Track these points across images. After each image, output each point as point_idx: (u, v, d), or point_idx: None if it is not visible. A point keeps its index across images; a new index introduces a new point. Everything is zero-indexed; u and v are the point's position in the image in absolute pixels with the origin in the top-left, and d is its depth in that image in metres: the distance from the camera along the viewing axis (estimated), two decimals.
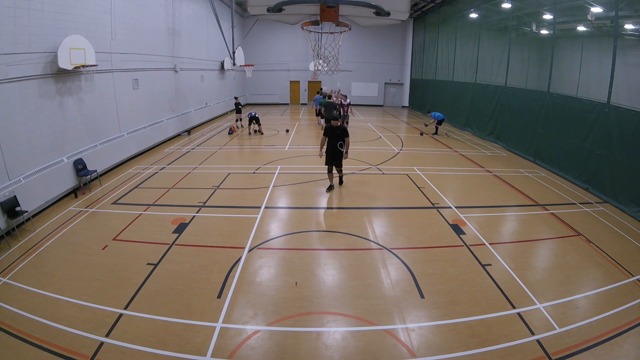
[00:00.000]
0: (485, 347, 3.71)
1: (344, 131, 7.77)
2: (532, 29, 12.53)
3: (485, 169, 10.42)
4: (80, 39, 7.79)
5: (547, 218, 7.11)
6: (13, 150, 6.45)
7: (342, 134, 7.72)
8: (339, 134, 7.71)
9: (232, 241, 5.85)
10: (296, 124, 18.01)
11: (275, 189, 8.34)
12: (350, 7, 5.36)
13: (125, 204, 7.38)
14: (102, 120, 9.33)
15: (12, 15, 6.38)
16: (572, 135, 9.58)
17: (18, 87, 6.58)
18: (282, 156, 11.46)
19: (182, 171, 9.67)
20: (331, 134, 7.79)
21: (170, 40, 13.64)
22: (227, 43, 16.58)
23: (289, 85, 27.16)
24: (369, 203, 7.67)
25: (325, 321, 4.10)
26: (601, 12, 9.00)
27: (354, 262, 5.35)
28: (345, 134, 7.72)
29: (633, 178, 7.44)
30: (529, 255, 5.74)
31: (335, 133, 7.72)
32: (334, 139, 7.77)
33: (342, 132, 7.75)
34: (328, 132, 7.82)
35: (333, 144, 7.78)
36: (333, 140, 7.77)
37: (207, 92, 18.16)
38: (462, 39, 17.13)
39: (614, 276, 5.07)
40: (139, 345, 3.65)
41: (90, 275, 4.88)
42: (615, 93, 8.21)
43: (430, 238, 6.11)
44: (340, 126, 7.79)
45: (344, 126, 7.89)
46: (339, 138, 7.73)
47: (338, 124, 7.77)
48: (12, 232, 6.01)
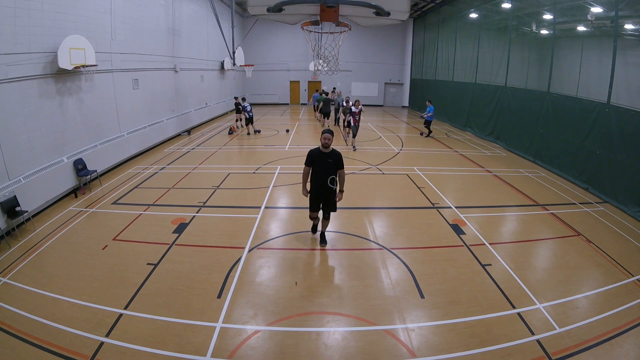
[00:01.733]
0: (485, 347, 3.71)
1: (337, 158, 5.25)
2: (532, 29, 12.53)
3: (485, 169, 10.42)
4: (80, 39, 7.79)
5: (547, 218, 7.11)
6: (13, 150, 6.45)
7: (335, 163, 5.24)
8: (330, 163, 5.21)
9: (232, 241, 5.85)
10: (296, 124, 18.01)
11: (275, 189, 8.34)
12: (350, 7, 5.35)
13: (125, 204, 7.38)
14: (102, 120, 9.32)
15: (12, 15, 6.38)
16: (572, 135, 9.58)
17: (18, 87, 6.58)
18: (282, 156, 11.46)
19: (182, 171, 9.67)
20: (319, 162, 5.23)
21: (170, 40, 13.64)
22: (227, 43, 16.58)
23: (289, 85, 27.15)
24: (369, 203, 7.67)
25: (325, 321, 4.10)
26: (601, 12, 9.00)
27: (354, 262, 5.35)
28: (339, 163, 5.28)
29: (633, 178, 7.44)
30: (529, 255, 5.74)
31: (326, 162, 5.20)
32: (323, 171, 5.23)
33: (336, 159, 5.24)
34: (314, 159, 5.26)
35: (321, 178, 5.25)
36: (322, 172, 5.24)
37: (207, 92, 18.16)
38: (462, 39, 17.13)
39: (614, 276, 5.07)
40: (139, 345, 3.65)
41: (90, 275, 4.88)
42: (615, 93, 8.21)
43: (430, 238, 6.10)
44: (333, 151, 5.26)
45: (337, 152, 5.30)
46: (330, 169, 5.23)
47: (328, 148, 5.22)
48: (12, 232, 6.01)
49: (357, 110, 12.11)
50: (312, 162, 5.28)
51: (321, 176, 5.26)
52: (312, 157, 5.28)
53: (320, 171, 5.26)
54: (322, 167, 5.23)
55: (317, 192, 5.37)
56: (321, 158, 5.23)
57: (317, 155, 5.25)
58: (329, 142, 5.17)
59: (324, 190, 5.31)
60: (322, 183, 5.26)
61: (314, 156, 5.26)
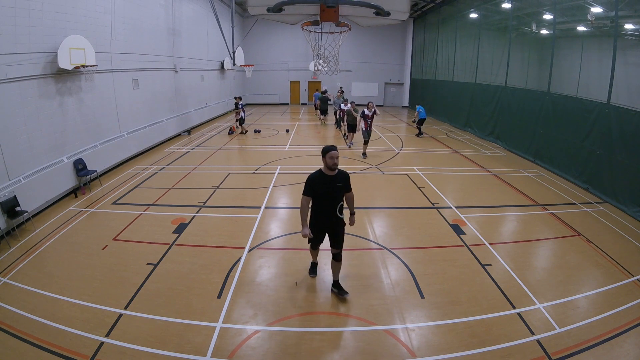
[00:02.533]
0: (485, 347, 3.71)
1: (346, 181, 4.24)
2: (532, 29, 12.53)
3: (485, 169, 10.42)
4: (80, 39, 7.79)
5: (547, 218, 7.10)
6: (13, 150, 6.45)
7: (344, 187, 4.23)
8: (339, 187, 4.17)
9: (232, 241, 5.85)
10: (296, 124, 18.01)
11: (275, 189, 8.34)
12: (350, 7, 5.35)
13: (125, 204, 7.38)
14: (102, 120, 9.33)
15: (12, 15, 6.38)
16: (572, 135, 9.58)
17: (18, 87, 6.58)
18: (282, 156, 11.46)
19: (182, 171, 9.67)
20: (324, 189, 4.11)
21: (170, 40, 13.64)
22: (227, 43, 16.59)
23: (289, 85, 27.15)
24: (369, 203, 7.66)
25: (325, 321, 4.10)
26: (601, 12, 9.00)
27: (354, 262, 5.34)
28: (347, 185, 4.27)
29: (633, 178, 7.44)
30: (529, 255, 5.74)
31: (333, 187, 4.13)
32: (329, 200, 4.15)
33: (345, 182, 4.22)
34: (316, 185, 4.09)
35: (328, 208, 4.18)
36: (328, 201, 4.16)
37: (207, 92, 18.17)
38: (462, 39, 17.13)
39: (614, 276, 5.07)
40: (139, 345, 3.64)
41: (90, 275, 4.88)
42: (615, 93, 8.21)
43: (430, 238, 6.10)
44: (340, 172, 4.19)
45: (344, 172, 4.27)
46: (338, 196, 4.19)
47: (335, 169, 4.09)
48: (12, 232, 6.01)
49: (369, 113, 10.80)
50: (314, 190, 4.11)
51: (327, 206, 4.15)
52: (313, 184, 4.09)
53: (325, 200, 4.14)
54: (329, 195, 4.12)
55: (322, 225, 4.26)
56: (326, 184, 4.09)
57: (321, 181, 4.09)
58: (337, 162, 4.05)
59: (331, 222, 4.24)
60: (329, 214, 4.17)
61: (315, 183, 4.09)
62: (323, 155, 4.09)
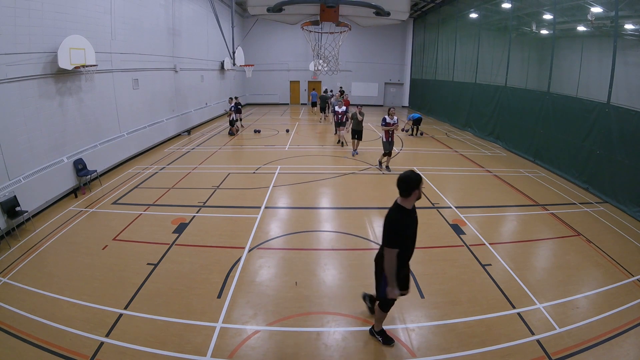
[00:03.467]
0: (485, 347, 3.71)
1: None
2: (532, 29, 12.53)
3: (485, 169, 10.42)
4: (80, 39, 7.79)
5: (547, 218, 7.10)
6: (13, 150, 6.45)
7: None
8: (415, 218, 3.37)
9: (232, 241, 5.85)
10: (296, 124, 18.01)
11: (275, 189, 8.34)
12: (350, 7, 5.35)
13: (125, 204, 7.38)
14: (102, 120, 9.32)
15: (12, 15, 6.38)
16: (572, 135, 9.57)
17: (18, 87, 6.58)
18: (282, 156, 11.46)
19: (182, 171, 9.67)
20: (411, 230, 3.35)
21: (170, 40, 13.63)
22: (227, 43, 16.58)
23: (289, 85, 27.15)
24: (368, 203, 7.66)
25: (325, 321, 4.10)
26: (601, 12, 9.00)
27: (354, 262, 5.34)
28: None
29: (633, 178, 7.44)
30: (529, 255, 5.74)
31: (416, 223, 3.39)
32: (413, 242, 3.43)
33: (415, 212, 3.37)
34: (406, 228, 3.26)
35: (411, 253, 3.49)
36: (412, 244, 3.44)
37: (207, 92, 18.16)
38: (462, 39, 17.13)
39: (614, 276, 5.07)
40: (139, 345, 3.65)
41: (90, 275, 4.87)
42: (615, 93, 8.21)
43: (430, 238, 6.10)
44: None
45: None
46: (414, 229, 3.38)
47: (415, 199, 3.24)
48: (12, 232, 6.01)
49: (392, 122, 9.45)
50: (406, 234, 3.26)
51: (412, 249, 3.43)
52: (404, 224, 3.21)
53: (412, 243, 3.41)
54: (414, 233, 3.38)
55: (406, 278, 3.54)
56: (413, 222, 3.32)
57: (408, 221, 3.24)
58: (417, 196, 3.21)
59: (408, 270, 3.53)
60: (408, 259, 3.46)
61: (405, 223, 3.22)
62: (413, 188, 3.10)
